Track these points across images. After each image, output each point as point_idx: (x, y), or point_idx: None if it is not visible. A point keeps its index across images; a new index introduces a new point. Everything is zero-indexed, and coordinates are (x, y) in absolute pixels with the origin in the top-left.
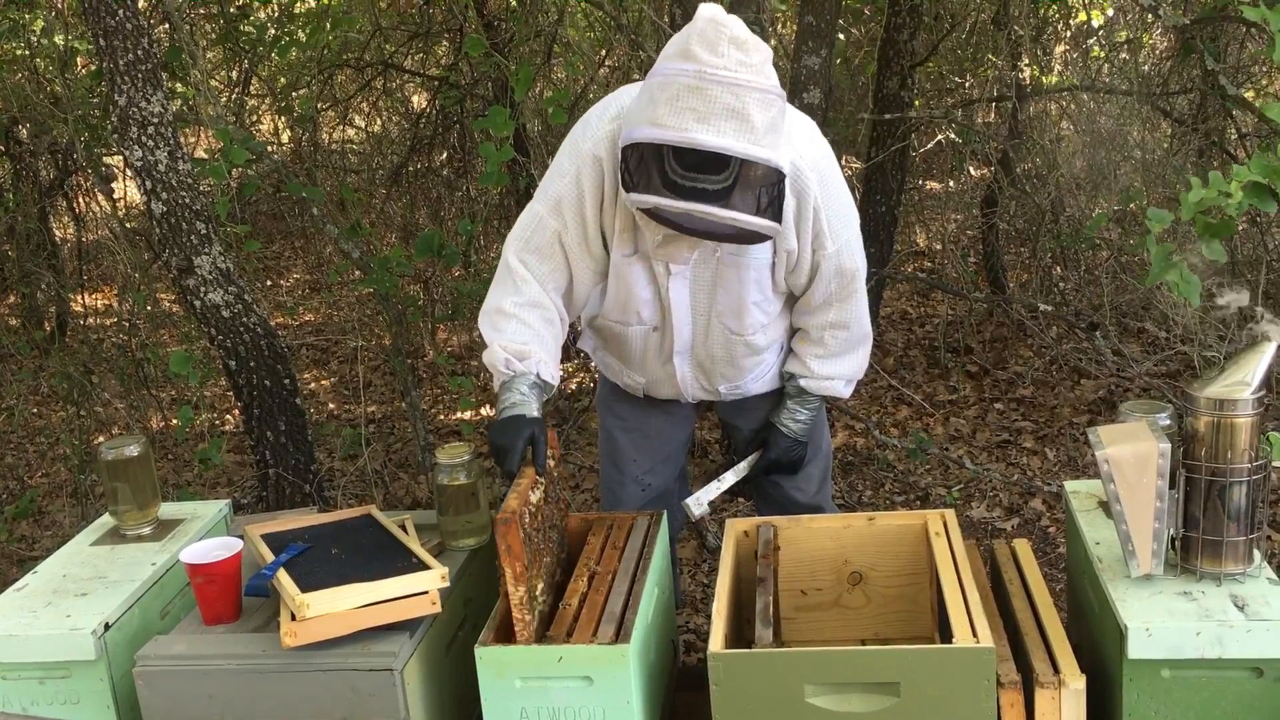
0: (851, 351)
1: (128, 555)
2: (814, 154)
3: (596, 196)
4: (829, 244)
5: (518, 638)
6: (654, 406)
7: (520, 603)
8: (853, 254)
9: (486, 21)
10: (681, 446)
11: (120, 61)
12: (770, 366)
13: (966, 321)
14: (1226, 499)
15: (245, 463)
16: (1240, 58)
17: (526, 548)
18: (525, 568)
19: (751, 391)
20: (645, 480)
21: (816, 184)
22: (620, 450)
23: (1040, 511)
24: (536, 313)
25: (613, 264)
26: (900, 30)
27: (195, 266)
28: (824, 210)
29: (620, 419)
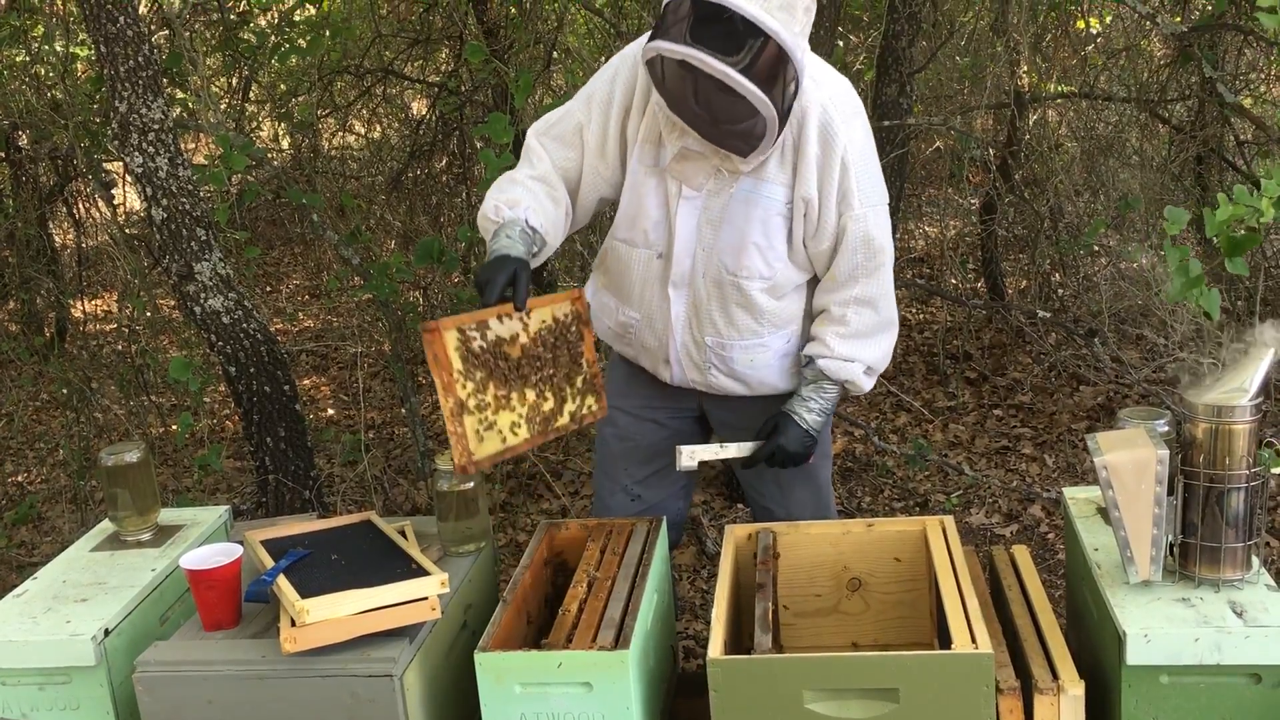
0: (875, 335)
1: (128, 561)
2: (848, 111)
3: (626, 98)
4: (856, 204)
5: (453, 451)
6: (650, 420)
7: (450, 414)
8: (881, 225)
9: (486, 28)
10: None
11: (121, 68)
12: (766, 355)
13: (965, 328)
14: (1225, 505)
15: (245, 469)
16: (1238, 65)
17: (470, 365)
18: (453, 379)
19: (739, 376)
20: (635, 491)
21: (846, 138)
22: (613, 458)
23: (1039, 518)
24: (541, 185)
25: (630, 176)
26: (899, 37)
27: (195, 273)
28: (853, 168)
29: (615, 427)
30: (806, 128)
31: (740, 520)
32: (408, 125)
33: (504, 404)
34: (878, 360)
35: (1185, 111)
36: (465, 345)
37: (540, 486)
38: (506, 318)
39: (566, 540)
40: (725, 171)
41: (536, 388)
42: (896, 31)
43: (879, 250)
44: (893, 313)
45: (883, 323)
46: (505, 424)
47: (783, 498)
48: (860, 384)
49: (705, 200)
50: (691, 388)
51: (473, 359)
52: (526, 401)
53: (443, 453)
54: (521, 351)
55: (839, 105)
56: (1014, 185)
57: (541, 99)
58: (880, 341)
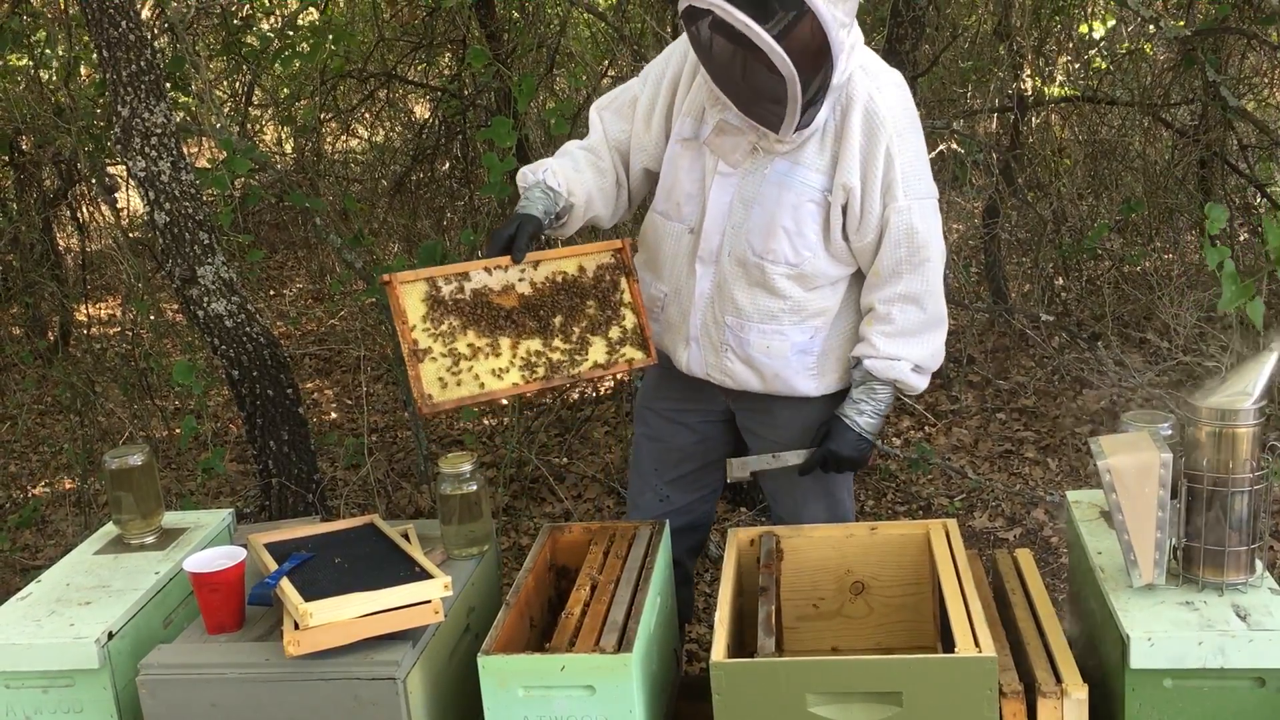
0: (922, 334)
1: (131, 564)
2: (895, 102)
3: (677, 71)
4: (900, 196)
5: (413, 391)
6: (680, 423)
7: (408, 354)
8: (926, 220)
9: (489, 33)
10: (708, 470)
11: (123, 73)
12: (783, 345)
13: (968, 331)
14: (1228, 509)
15: (248, 472)
16: (1241, 69)
17: (439, 313)
18: (408, 326)
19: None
20: (664, 492)
21: (893, 129)
22: (644, 457)
23: (1042, 521)
24: (584, 154)
25: (670, 148)
26: (903, 41)
27: (198, 277)
28: (898, 159)
29: (647, 426)
30: (851, 115)
31: (743, 524)
32: (411, 129)
33: (487, 351)
34: (927, 358)
35: (1188, 115)
36: (434, 295)
37: (543, 490)
38: (500, 269)
39: (569, 544)
40: (761, 150)
41: (540, 336)
42: (900, 35)
43: (924, 245)
44: (941, 310)
45: (930, 320)
46: (485, 370)
47: (796, 511)
48: (910, 383)
49: (740, 179)
50: (707, 379)
51: (442, 307)
52: (520, 349)
53: (446, 456)
54: (519, 301)
55: (887, 96)
56: (1017, 188)
57: (544, 102)
58: (928, 340)
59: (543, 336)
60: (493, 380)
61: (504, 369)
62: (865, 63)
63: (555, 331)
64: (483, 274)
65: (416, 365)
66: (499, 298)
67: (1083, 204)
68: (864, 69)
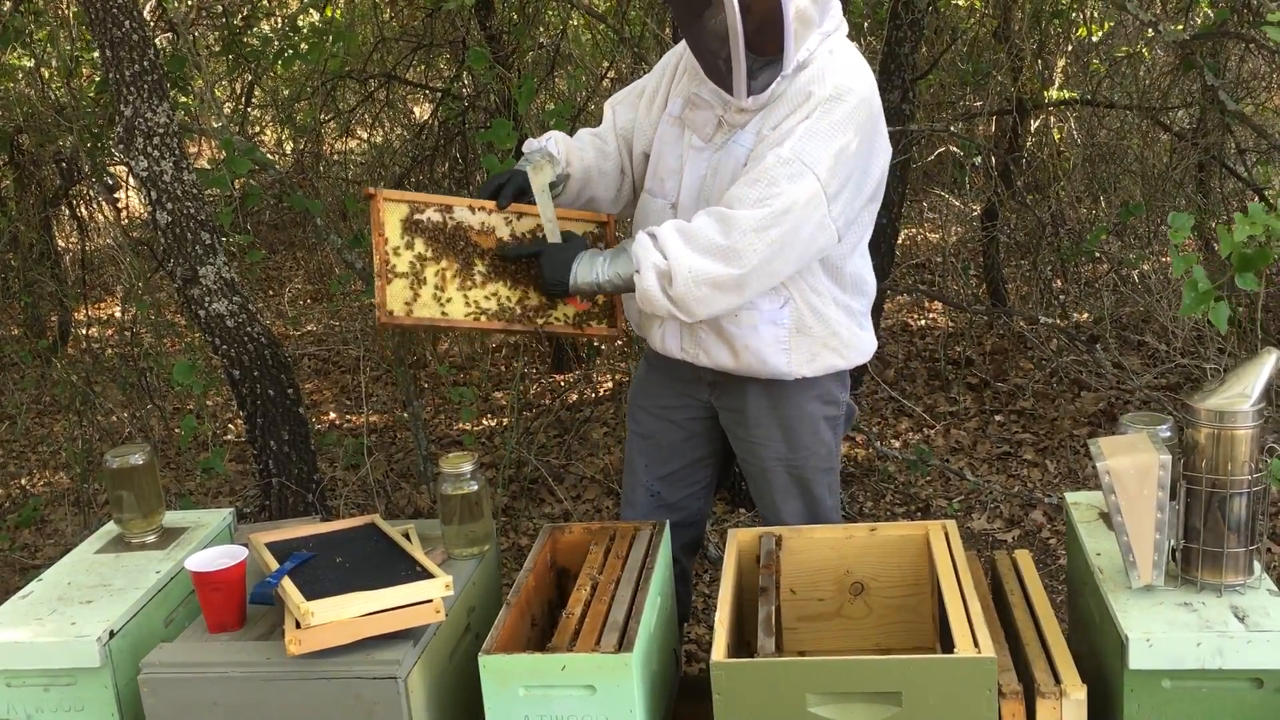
0: (706, 257)
1: (132, 563)
2: (842, 83)
3: (679, 58)
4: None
5: (376, 302)
6: (668, 420)
7: (378, 269)
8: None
9: (489, 34)
10: (698, 466)
11: (126, 72)
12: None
13: (967, 334)
14: (1227, 510)
15: (247, 472)
16: (1240, 73)
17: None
18: (383, 239)
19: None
20: (655, 488)
21: (823, 100)
22: (634, 455)
23: (1041, 523)
24: (592, 138)
25: (659, 129)
26: (901, 44)
27: (200, 276)
28: (810, 121)
29: (636, 423)
30: (791, 87)
31: (743, 525)
32: (410, 130)
33: (455, 282)
34: (682, 274)
35: (1187, 119)
36: (414, 218)
37: (543, 490)
38: (484, 211)
39: (570, 544)
40: (727, 124)
41: (510, 281)
42: (899, 38)
43: (772, 194)
44: (745, 271)
45: (722, 253)
46: (448, 298)
47: (776, 510)
48: (645, 279)
49: (712, 153)
50: (683, 358)
51: (418, 231)
52: (488, 288)
53: (446, 456)
54: (496, 245)
55: (840, 76)
56: (1016, 191)
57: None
58: (705, 265)
59: (513, 282)
60: (454, 309)
61: (468, 302)
62: (838, 49)
63: (528, 281)
64: (466, 211)
65: (384, 278)
66: (477, 236)
67: (1081, 207)
68: (833, 53)
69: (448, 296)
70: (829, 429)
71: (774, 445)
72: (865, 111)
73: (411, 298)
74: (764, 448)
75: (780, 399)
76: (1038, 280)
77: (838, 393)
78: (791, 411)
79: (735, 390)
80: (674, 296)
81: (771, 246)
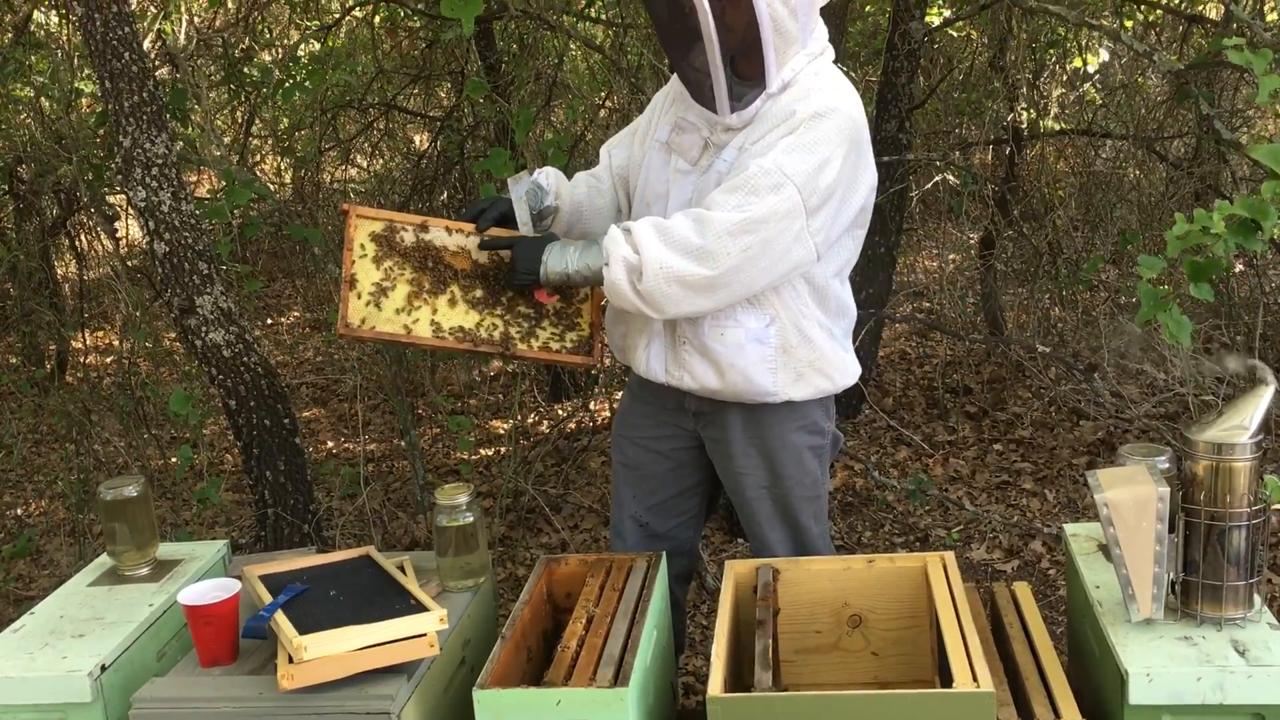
0: (680, 255)
1: (125, 596)
2: (828, 102)
3: (664, 94)
4: (770, 158)
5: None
6: (654, 450)
7: (345, 279)
8: (777, 193)
9: (488, 65)
10: (686, 496)
11: (125, 104)
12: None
13: (965, 362)
14: (1226, 543)
15: (244, 502)
16: (1235, 102)
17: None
18: (351, 255)
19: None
20: (643, 518)
21: (807, 118)
22: (621, 485)
23: (1040, 553)
24: (586, 176)
25: (647, 156)
26: (898, 74)
27: (197, 306)
28: (792, 136)
29: (622, 454)
30: (781, 98)
31: (740, 555)
32: (410, 159)
33: (421, 299)
34: (653, 269)
35: (1183, 148)
36: (386, 235)
37: (540, 520)
38: (460, 233)
39: (566, 575)
40: (713, 145)
41: (483, 303)
42: (896, 68)
43: (750, 202)
44: (717, 274)
45: (695, 253)
46: (413, 315)
47: (762, 538)
48: (613, 272)
49: (698, 176)
50: (668, 382)
51: (391, 248)
52: (458, 308)
53: (442, 487)
54: (470, 266)
55: (825, 95)
56: (1013, 220)
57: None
58: (677, 262)
59: (486, 304)
60: (418, 327)
61: (434, 321)
62: (823, 72)
63: (501, 305)
64: (442, 232)
65: (347, 291)
66: (451, 257)
67: (1078, 235)
68: (818, 75)
69: (414, 315)
70: (814, 458)
71: (758, 474)
72: (850, 130)
73: (373, 312)
74: (748, 477)
75: (764, 428)
76: (1035, 309)
77: (822, 422)
78: (775, 441)
79: (719, 419)
80: (642, 291)
81: (746, 253)
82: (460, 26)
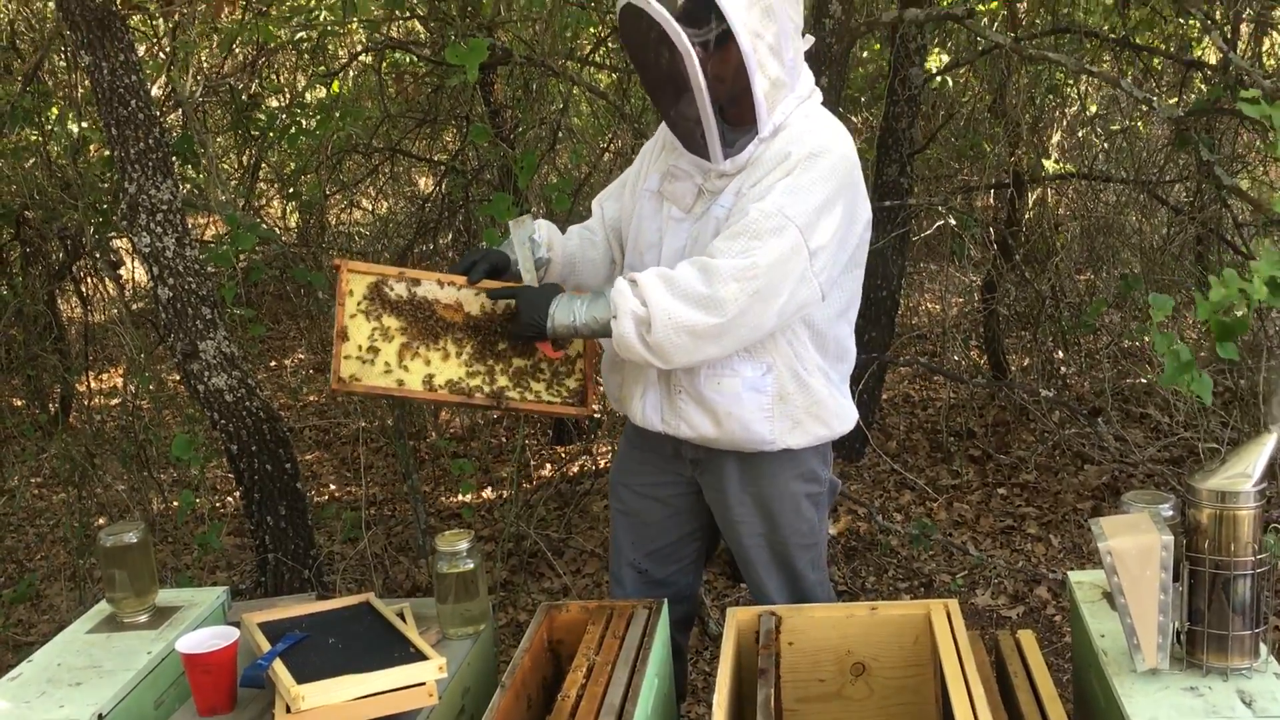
0: (687, 304)
1: (123, 644)
2: (822, 143)
3: (654, 144)
4: (770, 200)
5: (331, 368)
6: (652, 498)
7: (336, 334)
8: (779, 237)
9: (493, 110)
10: (685, 542)
11: (131, 150)
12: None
13: (969, 405)
14: (1231, 592)
15: (245, 545)
16: (1235, 147)
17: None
18: (343, 309)
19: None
20: (643, 565)
21: (802, 159)
22: (620, 533)
23: (1045, 599)
24: (579, 230)
25: (637, 205)
26: (899, 118)
27: (200, 351)
28: (791, 176)
29: (621, 503)
30: (769, 149)
31: (743, 601)
32: (414, 202)
33: (413, 353)
34: (661, 320)
35: (1184, 192)
36: (378, 290)
37: (542, 564)
38: (453, 286)
39: (567, 622)
40: (707, 192)
41: (477, 357)
42: (896, 113)
43: (754, 247)
44: (725, 321)
45: (703, 302)
46: (406, 369)
47: (760, 585)
48: (622, 325)
49: (691, 223)
50: (664, 430)
51: (384, 302)
52: (451, 362)
53: (443, 534)
54: (463, 319)
55: (818, 136)
56: (1015, 264)
57: (547, 176)
58: (686, 312)
59: (480, 357)
60: (411, 380)
61: (427, 375)
62: (813, 114)
63: (493, 357)
64: (434, 286)
65: (340, 345)
66: (444, 310)
67: (1080, 279)
68: (809, 117)
69: (406, 369)
70: (811, 506)
71: (754, 523)
72: (844, 168)
73: (365, 368)
74: (744, 525)
75: (760, 477)
76: (1039, 352)
77: (820, 470)
78: (771, 490)
79: (715, 467)
80: (651, 343)
81: (753, 298)
82: (465, 73)
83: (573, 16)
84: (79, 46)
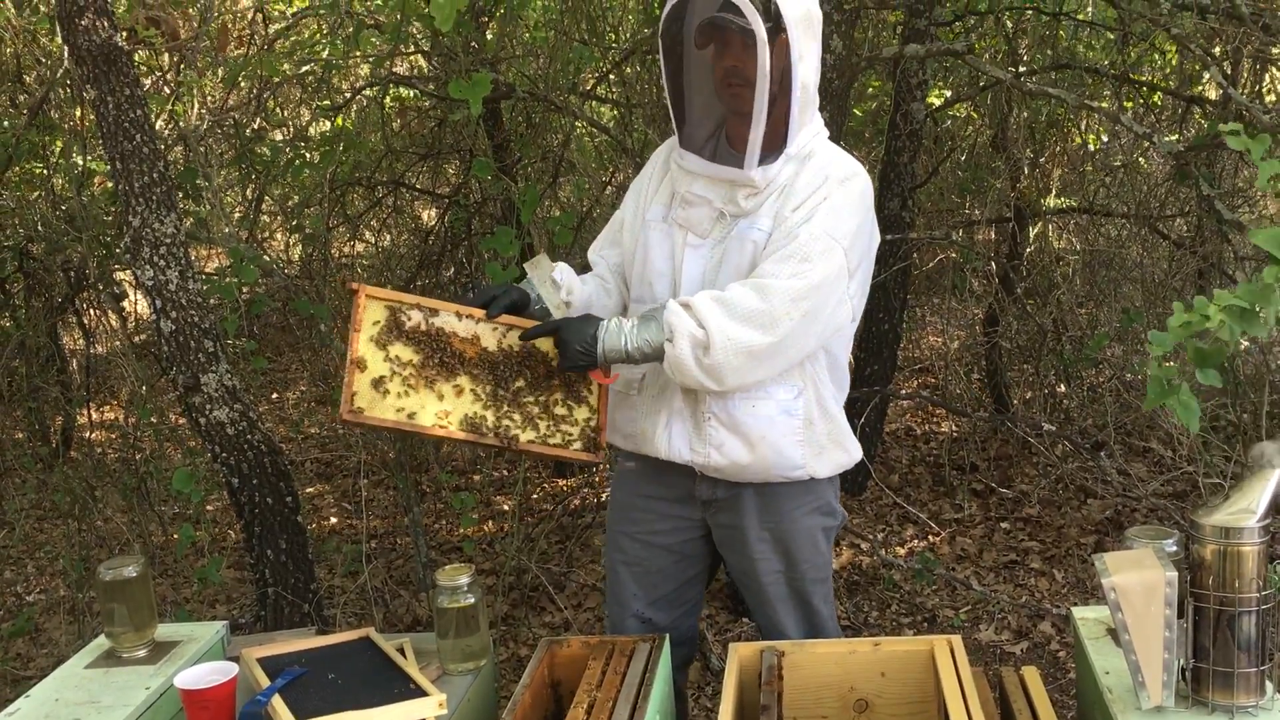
0: (743, 323)
1: (122, 679)
2: (848, 171)
3: (650, 172)
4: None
5: (342, 396)
6: (657, 545)
7: (349, 361)
8: (826, 255)
9: (496, 143)
10: (689, 586)
11: (135, 184)
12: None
13: (971, 439)
14: (1236, 629)
15: (245, 579)
16: (1235, 181)
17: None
18: (357, 335)
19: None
20: (646, 614)
21: (838, 186)
22: (621, 584)
23: (1049, 635)
24: (594, 278)
25: (640, 234)
26: (901, 153)
27: (201, 384)
28: (829, 201)
29: (622, 553)
30: (804, 172)
31: (745, 635)
32: (417, 235)
33: (427, 386)
34: (720, 342)
35: (1185, 226)
36: (394, 318)
37: (543, 599)
38: (470, 319)
39: (568, 658)
40: (727, 215)
41: (491, 393)
42: (898, 147)
43: (806, 269)
44: (778, 340)
45: (759, 319)
46: (419, 403)
47: (774, 621)
48: (678, 347)
49: (710, 247)
50: (691, 463)
51: (399, 332)
52: (465, 397)
53: (443, 568)
54: (478, 354)
55: (846, 161)
56: (1017, 297)
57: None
58: (744, 333)
59: (493, 394)
60: (422, 414)
61: (439, 409)
62: (828, 146)
63: (509, 394)
64: (452, 317)
65: (353, 374)
66: (460, 343)
67: (1082, 313)
68: (827, 146)
69: (419, 401)
70: (825, 540)
71: (772, 560)
72: (869, 193)
73: (377, 399)
74: (763, 562)
75: (780, 511)
76: (1041, 386)
77: (834, 502)
78: (790, 525)
79: (733, 505)
80: (707, 365)
81: (804, 319)
82: (468, 107)
83: (576, 52)
84: (84, 81)
